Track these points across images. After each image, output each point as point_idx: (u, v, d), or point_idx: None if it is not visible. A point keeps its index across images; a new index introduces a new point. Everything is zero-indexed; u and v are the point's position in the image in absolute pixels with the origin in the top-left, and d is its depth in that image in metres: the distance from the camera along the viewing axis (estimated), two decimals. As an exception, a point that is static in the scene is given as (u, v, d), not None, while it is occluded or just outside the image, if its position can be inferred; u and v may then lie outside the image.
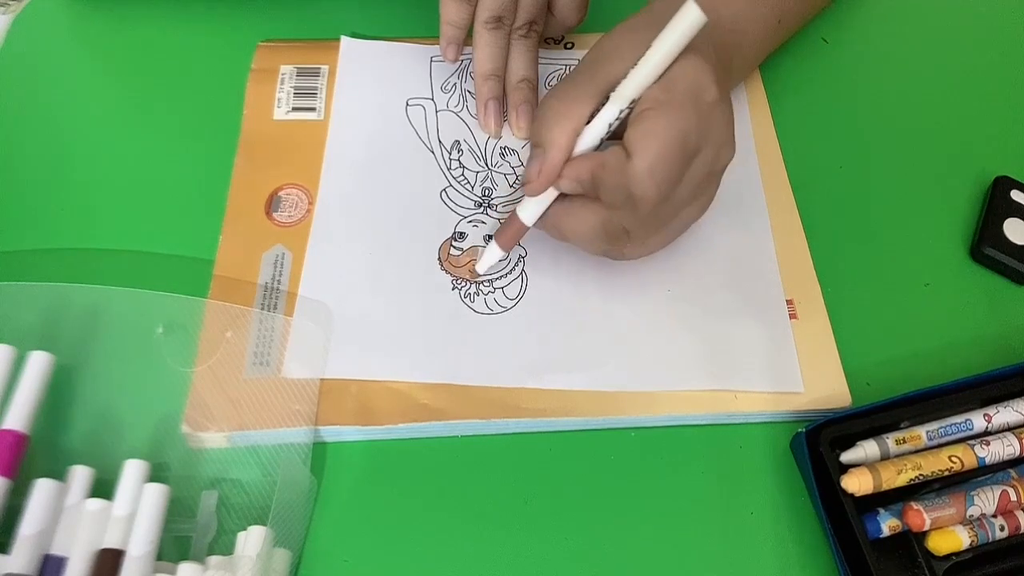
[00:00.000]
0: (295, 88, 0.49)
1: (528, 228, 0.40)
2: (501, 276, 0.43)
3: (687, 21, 0.34)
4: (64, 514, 0.35)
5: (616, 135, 0.37)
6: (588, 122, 0.37)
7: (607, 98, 0.37)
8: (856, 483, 0.36)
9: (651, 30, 0.35)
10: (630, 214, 0.37)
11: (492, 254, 0.42)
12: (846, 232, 0.47)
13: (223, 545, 0.36)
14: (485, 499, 0.38)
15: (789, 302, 0.43)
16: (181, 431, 0.38)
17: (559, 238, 0.40)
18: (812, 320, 0.43)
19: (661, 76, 0.35)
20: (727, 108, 0.37)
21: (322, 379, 0.40)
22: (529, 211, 0.40)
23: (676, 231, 0.40)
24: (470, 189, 0.46)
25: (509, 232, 0.41)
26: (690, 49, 0.35)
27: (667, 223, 0.39)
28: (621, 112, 0.36)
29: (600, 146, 0.37)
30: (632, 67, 0.36)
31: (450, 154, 0.48)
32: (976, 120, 0.52)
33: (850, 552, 0.36)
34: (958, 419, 0.39)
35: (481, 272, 0.43)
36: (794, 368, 0.41)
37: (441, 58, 0.49)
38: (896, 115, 0.52)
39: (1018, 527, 0.37)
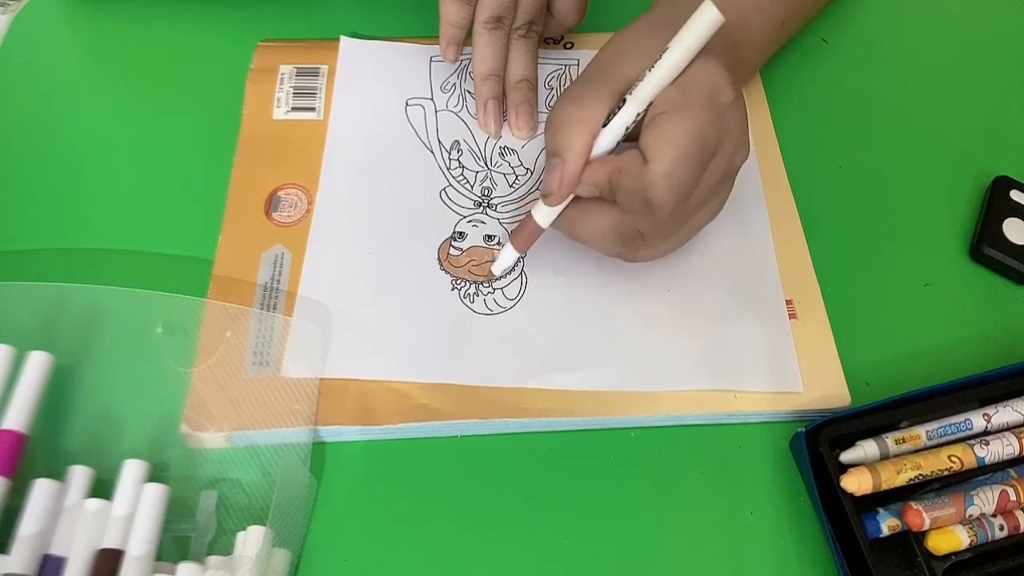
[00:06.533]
0: (295, 88, 0.49)
1: (544, 230, 0.40)
2: (500, 277, 0.43)
3: (705, 21, 0.33)
4: (63, 514, 0.35)
5: (631, 136, 0.37)
6: (604, 125, 0.37)
7: (621, 99, 0.36)
8: (856, 483, 0.36)
9: (663, 31, 0.35)
10: (646, 219, 0.36)
11: (508, 256, 0.42)
12: (846, 232, 0.47)
13: (223, 545, 0.36)
14: (485, 499, 0.38)
15: (789, 302, 0.43)
16: (181, 431, 0.38)
17: (573, 239, 0.40)
18: (812, 320, 0.43)
19: (677, 77, 0.35)
20: (741, 109, 0.37)
21: (321, 379, 0.40)
22: (545, 213, 0.39)
23: (689, 233, 0.40)
24: (469, 189, 0.46)
25: (524, 234, 0.41)
26: (705, 50, 0.35)
27: (682, 226, 0.39)
28: (638, 114, 0.36)
29: (615, 147, 0.37)
30: (648, 68, 0.35)
31: (450, 154, 0.48)
32: (976, 120, 0.52)
33: (850, 552, 0.36)
34: (957, 419, 0.39)
35: (497, 274, 0.43)
36: (793, 368, 0.41)
37: (441, 58, 0.49)
38: (895, 115, 0.52)
39: (1018, 527, 0.37)
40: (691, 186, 0.36)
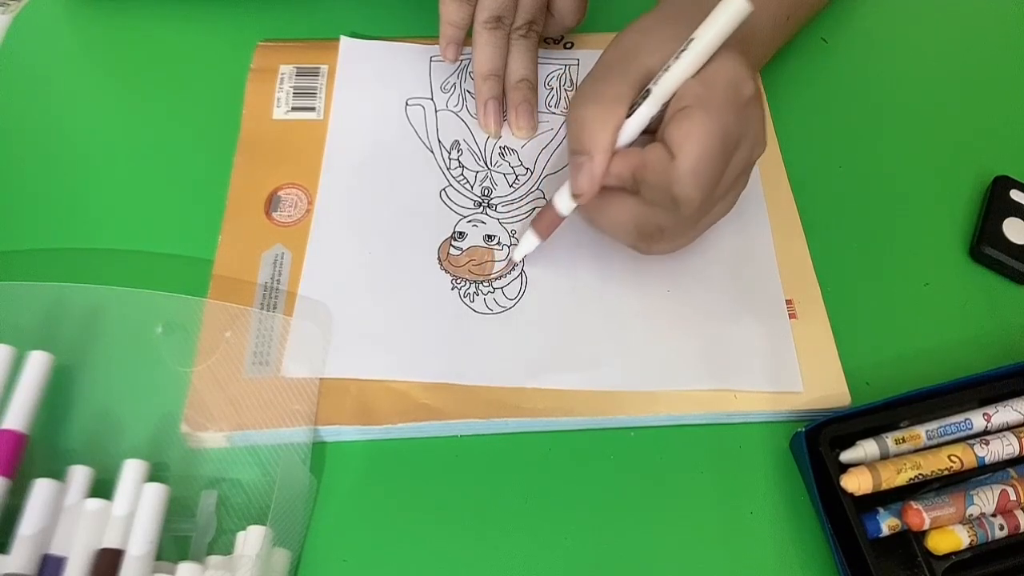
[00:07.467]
0: (294, 88, 0.49)
1: (565, 218, 0.40)
2: (501, 276, 0.43)
3: (732, 10, 0.33)
4: (63, 514, 0.35)
5: (649, 128, 0.37)
6: (627, 116, 0.36)
7: (643, 91, 0.36)
8: (856, 482, 0.36)
9: (679, 24, 0.35)
10: (669, 213, 0.36)
11: (528, 243, 0.42)
12: (846, 232, 0.47)
13: (223, 545, 0.36)
14: (484, 499, 0.38)
15: (789, 302, 0.43)
16: (180, 431, 0.38)
17: (592, 228, 0.40)
18: (811, 320, 0.43)
19: (699, 70, 0.35)
20: (760, 102, 0.37)
21: (321, 379, 0.40)
22: (566, 202, 0.39)
23: (706, 227, 0.40)
24: (469, 189, 0.46)
25: (545, 221, 0.41)
26: (725, 44, 0.34)
27: (700, 220, 0.39)
28: (662, 106, 0.36)
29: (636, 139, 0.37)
30: (672, 59, 0.35)
31: (449, 154, 0.48)
32: (976, 120, 0.52)
33: (850, 551, 0.36)
34: (957, 419, 0.39)
35: (517, 260, 0.43)
36: (793, 368, 0.41)
37: (440, 58, 0.49)
38: (895, 115, 0.52)
39: (1018, 526, 0.37)
40: (716, 181, 0.36)
